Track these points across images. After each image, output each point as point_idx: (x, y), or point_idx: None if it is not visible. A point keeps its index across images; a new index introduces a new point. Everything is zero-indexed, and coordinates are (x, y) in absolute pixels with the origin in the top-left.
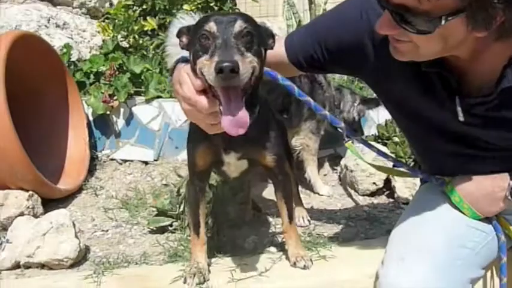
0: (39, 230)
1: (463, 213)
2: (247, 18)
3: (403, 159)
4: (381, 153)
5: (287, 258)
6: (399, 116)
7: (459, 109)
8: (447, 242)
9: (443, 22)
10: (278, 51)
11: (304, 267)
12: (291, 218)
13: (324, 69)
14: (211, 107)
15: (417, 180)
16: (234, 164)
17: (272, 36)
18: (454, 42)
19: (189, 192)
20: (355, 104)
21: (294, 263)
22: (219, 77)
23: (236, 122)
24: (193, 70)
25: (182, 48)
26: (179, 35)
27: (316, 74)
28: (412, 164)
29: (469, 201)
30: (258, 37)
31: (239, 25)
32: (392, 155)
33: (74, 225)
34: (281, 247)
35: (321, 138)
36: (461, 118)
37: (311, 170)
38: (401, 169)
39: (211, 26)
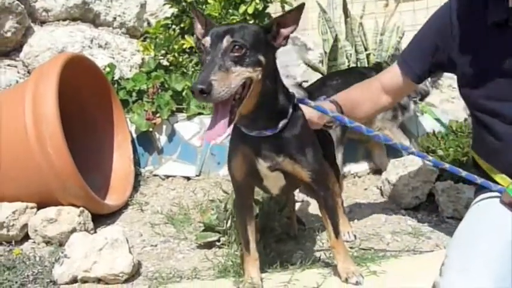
0: (95, 245)
1: None
2: (240, 30)
3: None
4: (435, 162)
5: (336, 273)
6: (478, 93)
7: None
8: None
9: None
10: (397, 79)
11: (357, 283)
12: (337, 233)
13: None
14: None
15: (462, 195)
16: (270, 177)
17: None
18: None
19: (236, 210)
20: None
21: (346, 279)
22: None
23: (213, 132)
24: None
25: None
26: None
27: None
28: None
29: None
30: (253, 46)
31: (227, 40)
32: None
33: (127, 240)
34: (328, 262)
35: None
36: None
37: (395, 138)
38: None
39: (207, 41)
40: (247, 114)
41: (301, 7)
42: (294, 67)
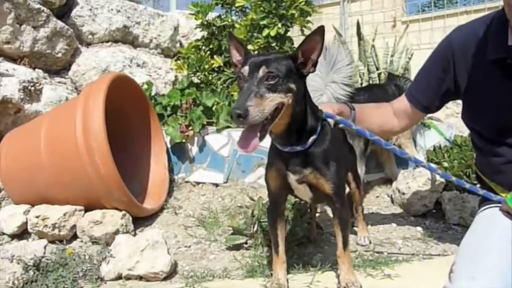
0: (138, 246)
1: None
2: (275, 61)
3: None
4: (445, 175)
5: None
6: (481, 124)
7: None
8: None
9: None
10: (405, 108)
11: None
12: (345, 244)
13: (442, 104)
14: None
15: (467, 203)
16: (299, 189)
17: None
18: None
19: (268, 216)
20: None
21: None
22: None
23: (244, 144)
24: None
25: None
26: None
27: None
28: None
29: None
30: (286, 75)
31: (263, 70)
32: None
33: (166, 242)
34: None
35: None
36: None
37: (410, 150)
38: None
39: (245, 70)
40: (281, 132)
41: (320, 30)
42: None
